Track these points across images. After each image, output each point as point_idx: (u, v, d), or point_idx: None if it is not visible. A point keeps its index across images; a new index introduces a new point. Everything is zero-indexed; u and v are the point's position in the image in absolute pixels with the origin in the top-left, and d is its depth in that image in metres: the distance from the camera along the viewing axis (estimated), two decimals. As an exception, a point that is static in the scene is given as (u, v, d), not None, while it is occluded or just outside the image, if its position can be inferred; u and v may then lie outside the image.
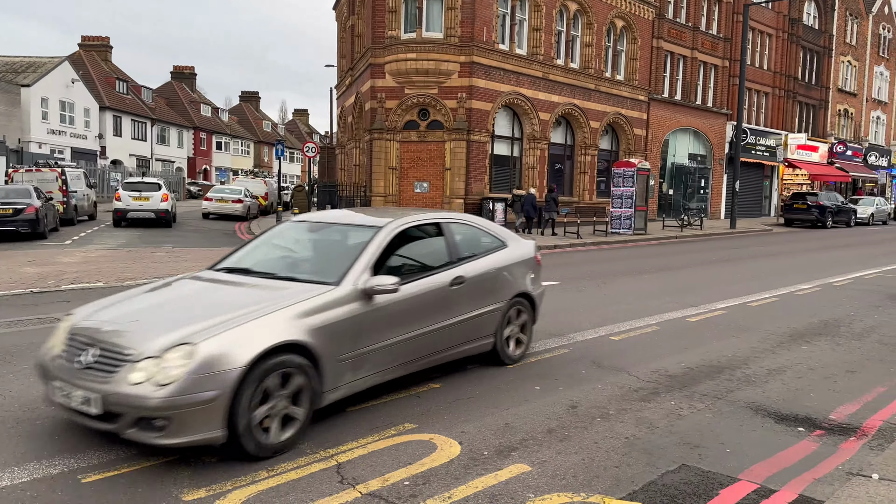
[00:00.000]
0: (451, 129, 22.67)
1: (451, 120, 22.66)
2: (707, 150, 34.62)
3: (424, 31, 22.64)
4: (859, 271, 14.00)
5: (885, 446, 4.57)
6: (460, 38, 22.51)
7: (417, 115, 23.17)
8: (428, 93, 22.79)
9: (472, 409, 5.29)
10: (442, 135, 22.89)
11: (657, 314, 9.04)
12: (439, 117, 22.90)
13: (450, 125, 22.69)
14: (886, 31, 47.79)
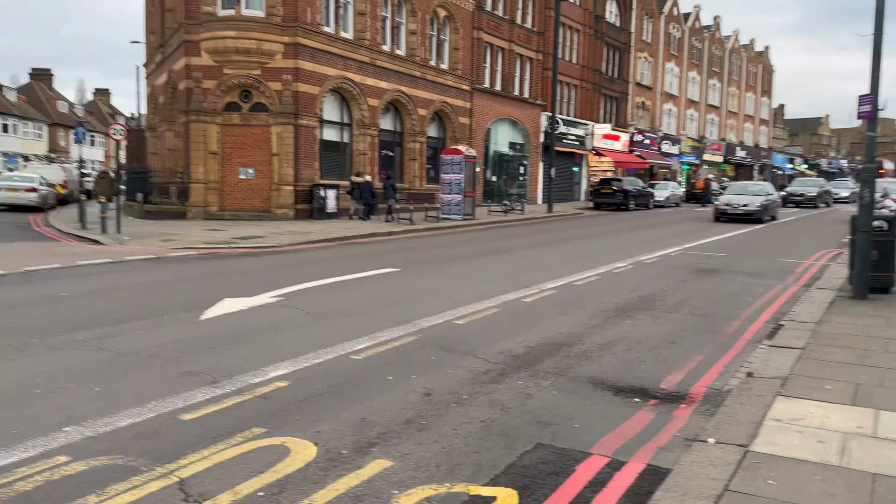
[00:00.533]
0: (278, 113, 21.75)
1: (276, 103, 21.73)
2: (525, 138, 36.44)
3: (244, 9, 21.43)
4: (664, 249, 15.43)
5: (713, 411, 4.99)
6: (283, 17, 21.60)
7: (239, 97, 21.95)
8: (250, 73, 21.65)
9: (324, 405, 5.04)
10: (267, 118, 21.89)
11: (495, 296, 9.28)
12: (263, 100, 21.87)
13: (275, 108, 21.75)
14: (676, 30, 53.18)
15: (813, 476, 3.75)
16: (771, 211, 26.03)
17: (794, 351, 6.38)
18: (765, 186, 28.12)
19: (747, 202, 24.78)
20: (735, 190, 27.79)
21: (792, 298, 9.55)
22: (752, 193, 26.14)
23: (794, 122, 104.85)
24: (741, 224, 23.39)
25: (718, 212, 25.20)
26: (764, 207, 24.85)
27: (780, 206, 28.95)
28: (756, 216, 24.40)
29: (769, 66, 75.71)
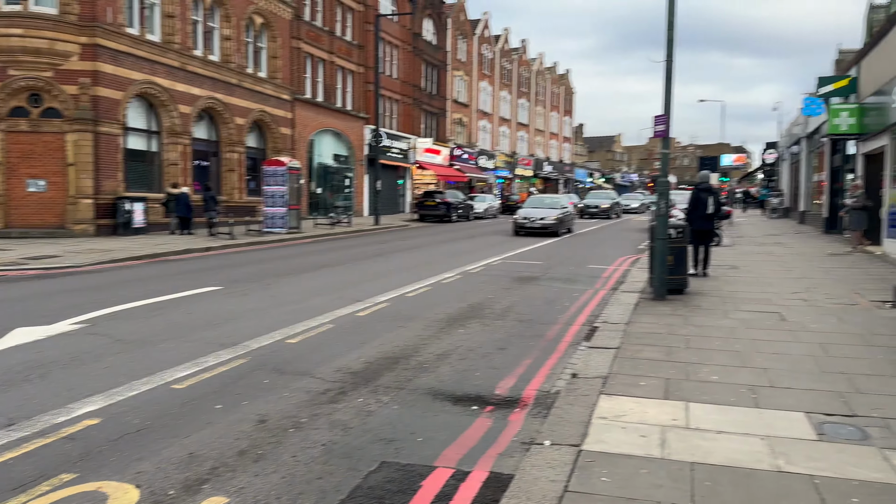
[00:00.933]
0: (74, 119, 19.69)
1: (72, 108, 19.66)
2: (349, 151, 36.31)
3: (33, 5, 19.22)
4: (487, 259, 16.06)
5: (545, 413, 5.21)
6: (79, 16, 19.64)
7: (28, 101, 19.59)
8: (41, 75, 19.41)
9: (144, 443, 4.56)
10: (61, 125, 19.73)
11: (328, 312, 9.06)
12: (56, 104, 19.70)
13: (71, 114, 19.68)
14: (488, 51, 55.97)
15: (640, 470, 4.01)
16: (567, 223, 26.30)
17: (610, 351, 6.87)
18: (560, 199, 28.48)
19: (543, 216, 24.65)
20: (532, 203, 27.72)
21: (602, 302, 10.33)
22: (549, 207, 26.18)
23: (591, 139, 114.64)
24: (540, 237, 23.50)
25: (517, 226, 24.85)
26: (560, 221, 24.83)
27: (575, 218, 30.01)
28: (552, 229, 24.24)
29: (570, 88, 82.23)
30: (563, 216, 25.54)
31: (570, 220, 27.41)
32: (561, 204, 27.00)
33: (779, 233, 25.28)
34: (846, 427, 4.67)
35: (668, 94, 9.87)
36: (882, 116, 16.46)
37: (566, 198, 30.55)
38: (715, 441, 4.46)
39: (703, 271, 12.63)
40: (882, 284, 11.46)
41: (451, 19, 48.16)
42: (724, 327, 8.05)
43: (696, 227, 12.25)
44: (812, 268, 14.04)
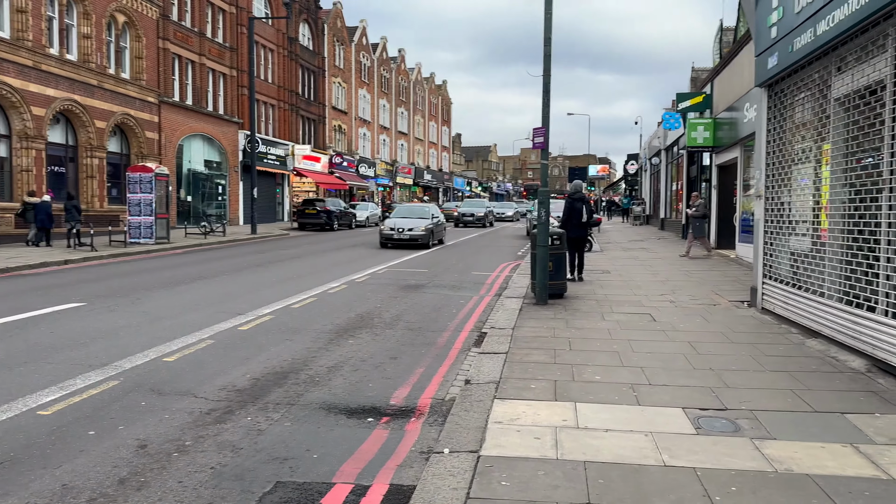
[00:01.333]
0: None
1: None
2: (222, 157, 34.93)
3: None
4: (373, 267, 15.96)
5: (441, 421, 5.23)
6: (-90, 4, 17.66)
7: None
8: None
9: (10, 476, 4.13)
10: None
11: (207, 327, 8.63)
12: None
13: None
14: (366, 59, 55.80)
15: (538, 471, 4.12)
16: (438, 234, 24.95)
17: (500, 356, 7.03)
18: (430, 209, 26.53)
19: (412, 226, 22.83)
20: (401, 213, 25.61)
21: (488, 307, 10.55)
22: (418, 216, 24.40)
23: (468, 149, 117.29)
24: (411, 249, 21.93)
25: (384, 237, 22.84)
26: (430, 231, 23.16)
27: (446, 228, 27.87)
28: (422, 241, 22.54)
29: (447, 98, 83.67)
30: (434, 226, 24.12)
31: (442, 229, 26.08)
32: (431, 213, 25.34)
33: (642, 239, 26.94)
34: (720, 420, 5.03)
35: (545, 108, 10.26)
36: (734, 130, 18.00)
37: (434, 207, 28.71)
38: (604, 439, 4.66)
39: (578, 276, 13.22)
40: (738, 285, 12.50)
41: (327, 25, 47.61)
42: (603, 329, 8.45)
43: (571, 234, 12.82)
44: (675, 271, 15.07)
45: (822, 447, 4.49)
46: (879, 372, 6.32)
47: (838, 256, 7.48)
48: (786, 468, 4.14)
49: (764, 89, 9.83)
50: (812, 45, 7.76)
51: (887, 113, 6.40)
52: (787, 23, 8.56)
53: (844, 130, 7.45)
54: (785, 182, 9.29)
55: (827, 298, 7.64)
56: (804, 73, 8.55)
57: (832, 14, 7.15)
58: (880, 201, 6.52)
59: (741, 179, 17.56)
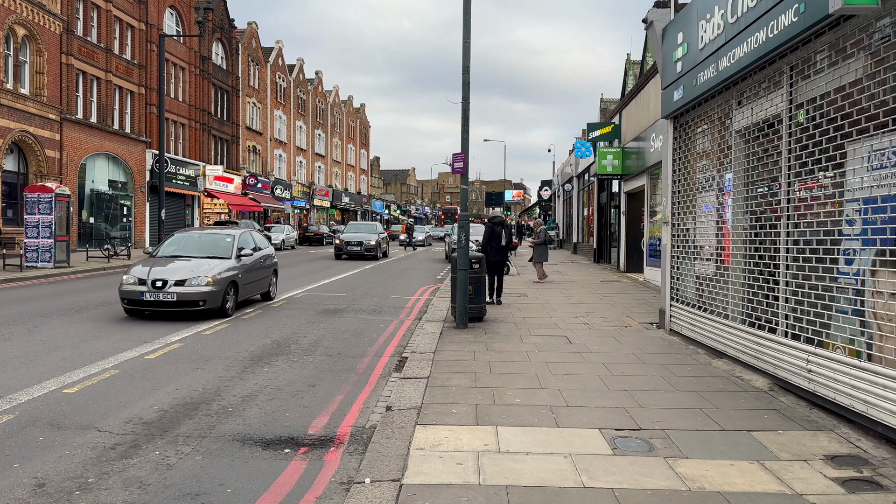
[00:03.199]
0: None
1: None
2: (128, 177, 33.48)
3: None
4: (290, 291, 15.59)
5: (363, 450, 5.11)
6: None
7: None
8: None
9: None
10: None
11: (111, 356, 8.17)
12: None
13: None
14: (282, 80, 55.08)
15: (460, 498, 4.08)
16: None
17: (422, 381, 6.98)
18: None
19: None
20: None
21: (409, 332, 10.49)
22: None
23: (387, 172, 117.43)
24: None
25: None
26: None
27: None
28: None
29: (366, 122, 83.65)
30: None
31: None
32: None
33: (557, 262, 27.61)
34: (635, 440, 5.16)
35: (465, 133, 10.40)
36: (640, 159, 18.81)
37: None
38: (525, 462, 4.68)
39: (497, 299, 13.38)
40: (647, 308, 12.97)
41: (242, 45, 46.75)
42: (522, 352, 8.55)
43: (491, 258, 12.99)
44: (588, 294, 15.50)
45: (731, 465, 4.67)
46: (781, 390, 6.67)
47: (741, 280, 7.89)
48: (698, 486, 4.28)
49: (670, 121, 10.33)
50: (715, 80, 8.24)
51: (784, 145, 6.84)
52: (692, 58, 9.06)
53: (745, 161, 7.92)
54: (690, 209, 9.76)
55: (731, 320, 8.03)
56: (707, 106, 9.05)
57: (733, 51, 7.62)
58: (778, 228, 6.93)
59: (648, 206, 18.34)
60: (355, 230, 29.87)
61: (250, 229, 15.87)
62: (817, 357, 6.06)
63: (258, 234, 17.86)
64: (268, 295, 14.05)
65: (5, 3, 23.86)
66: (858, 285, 5.65)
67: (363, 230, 29.61)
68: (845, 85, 5.82)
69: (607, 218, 26.04)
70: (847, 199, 5.83)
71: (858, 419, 5.48)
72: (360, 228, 30.39)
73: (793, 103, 6.75)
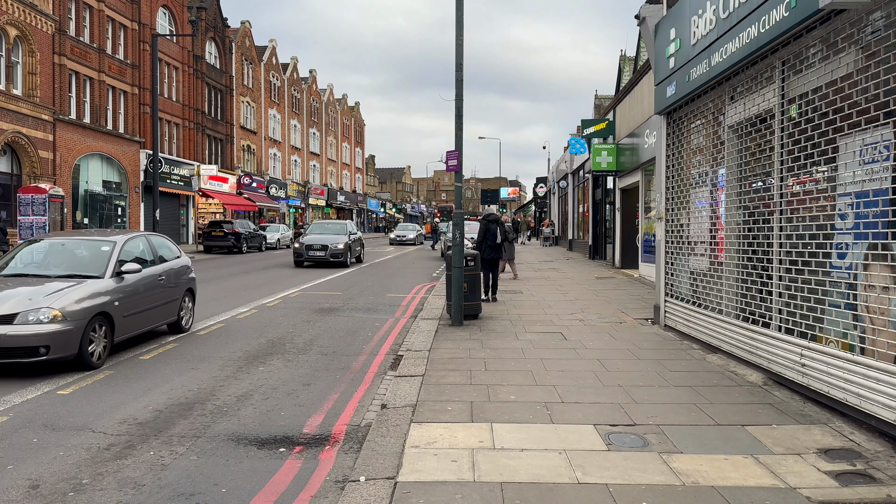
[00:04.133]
0: None
1: None
2: (122, 177, 33.37)
3: None
4: (284, 291, 15.57)
5: (357, 448, 5.11)
6: None
7: None
8: None
9: None
10: None
11: (107, 357, 8.13)
12: None
13: None
14: (276, 79, 54.97)
15: (455, 495, 4.08)
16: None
17: (417, 378, 6.98)
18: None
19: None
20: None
21: (404, 330, 10.49)
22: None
23: (382, 171, 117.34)
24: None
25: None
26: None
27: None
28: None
29: (361, 120, 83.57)
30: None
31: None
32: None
33: (552, 259, 27.66)
34: (629, 436, 5.17)
35: (459, 131, 10.39)
36: (635, 156, 18.83)
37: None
38: (519, 459, 4.69)
39: (492, 297, 13.38)
40: (642, 303, 12.99)
41: (235, 44, 46.63)
42: (517, 349, 8.56)
43: (485, 255, 12.99)
44: (583, 290, 15.51)
45: (726, 459, 4.68)
46: (775, 385, 6.69)
47: (735, 275, 7.91)
48: (693, 481, 4.29)
49: (663, 117, 10.34)
50: (707, 76, 8.25)
51: (776, 140, 6.86)
52: (684, 54, 9.07)
53: (738, 156, 7.93)
54: (684, 205, 9.78)
55: (725, 315, 8.05)
56: (700, 102, 9.06)
57: (725, 47, 7.62)
58: (772, 223, 6.95)
59: (643, 202, 18.37)
60: (320, 230, 24.34)
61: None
62: (811, 351, 6.08)
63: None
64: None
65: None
66: (851, 279, 5.66)
67: (330, 231, 24.11)
68: (837, 80, 5.84)
69: (602, 214, 26.08)
70: (839, 193, 5.85)
71: (852, 413, 5.50)
72: (327, 229, 24.62)
73: (785, 98, 6.76)
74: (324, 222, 27.81)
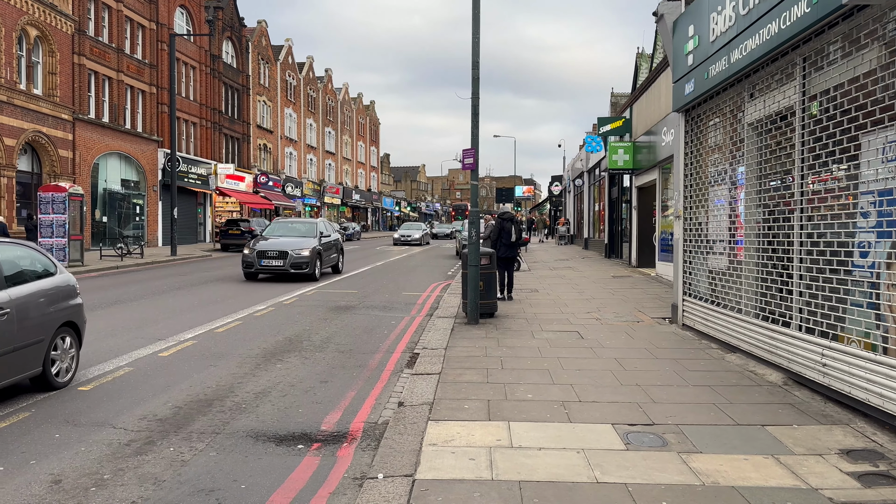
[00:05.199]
0: None
1: None
2: (140, 176, 33.69)
3: None
4: (302, 289, 15.63)
5: (375, 445, 5.12)
6: None
7: None
8: None
9: None
10: None
11: (125, 353, 8.23)
12: None
13: None
14: (292, 78, 55.22)
15: (473, 493, 4.08)
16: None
17: (433, 376, 6.98)
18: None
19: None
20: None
21: (420, 328, 10.50)
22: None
23: (397, 169, 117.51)
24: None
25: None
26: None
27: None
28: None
29: (375, 119, 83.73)
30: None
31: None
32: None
33: (568, 258, 27.55)
34: (648, 435, 5.14)
35: (475, 129, 10.38)
36: (652, 154, 18.71)
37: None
38: (537, 458, 4.67)
39: (508, 295, 13.36)
40: (659, 303, 12.91)
41: (252, 43, 46.89)
42: (533, 347, 8.54)
43: (501, 254, 12.97)
44: (600, 289, 15.44)
45: (746, 459, 4.64)
46: (795, 385, 6.62)
47: (754, 274, 7.84)
48: (712, 481, 4.26)
49: (681, 114, 10.27)
50: (726, 73, 8.17)
51: (797, 137, 6.78)
52: (703, 51, 8.99)
53: (758, 153, 7.85)
54: (702, 203, 9.70)
55: (744, 315, 7.98)
56: (719, 99, 8.98)
57: (745, 43, 7.55)
58: (792, 221, 6.88)
59: (660, 200, 18.25)
60: (282, 232, 18.70)
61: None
62: (832, 351, 6.01)
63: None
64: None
65: (17, 5, 24.04)
66: (873, 278, 5.59)
67: (295, 233, 18.57)
68: (859, 76, 5.76)
69: (618, 213, 25.93)
70: (861, 191, 5.77)
71: (874, 413, 5.43)
72: (291, 230, 18.90)
73: (806, 95, 6.69)
74: (288, 221, 21.13)
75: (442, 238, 50.09)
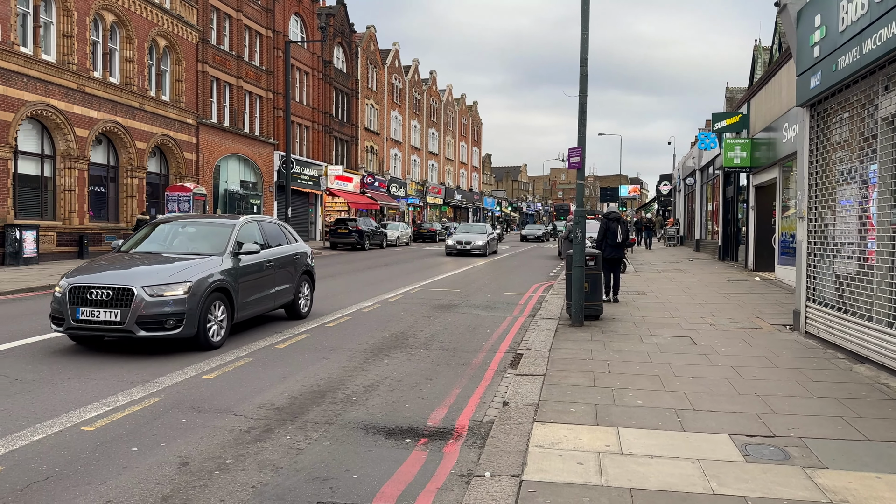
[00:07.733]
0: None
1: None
2: (258, 177, 35.48)
3: None
4: (404, 287, 15.97)
5: (480, 444, 5.16)
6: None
7: None
8: (-83, 93, 17.90)
9: (55, 492, 4.17)
10: (-59, 147, 18.22)
11: (245, 345, 8.70)
12: (-64, 125, 18.20)
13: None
14: (398, 81, 56.43)
15: (582, 498, 4.02)
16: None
17: (538, 378, 6.94)
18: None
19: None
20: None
21: (522, 328, 10.45)
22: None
23: (498, 169, 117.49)
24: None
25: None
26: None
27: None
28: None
29: (478, 119, 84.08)
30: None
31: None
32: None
33: (677, 260, 26.57)
34: (768, 447, 4.88)
35: (582, 127, 10.21)
36: (771, 151, 17.72)
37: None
38: (649, 466, 4.54)
39: (614, 297, 13.06)
40: (779, 308, 12.21)
41: (361, 48, 48.31)
42: (642, 352, 8.30)
43: (606, 255, 12.69)
44: (713, 293, 14.79)
45: (878, 478, 4.31)
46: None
47: (887, 279, 7.26)
48: (841, 499, 3.99)
49: (806, 109, 9.67)
50: (857, 64, 7.62)
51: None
52: (831, 42, 8.42)
53: (892, 150, 7.27)
54: (828, 203, 9.09)
55: (875, 323, 7.41)
56: (849, 93, 8.38)
57: (879, 32, 7.01)
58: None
59: (780, 200, 17.26)
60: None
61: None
62: (981, 366, 5.47)
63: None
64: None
65: (148, 17, 25.92)
66: None
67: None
68: None
69: (734, 213, 24.75)
70: None
71: None
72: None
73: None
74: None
75: (532, 241, 49.48)
